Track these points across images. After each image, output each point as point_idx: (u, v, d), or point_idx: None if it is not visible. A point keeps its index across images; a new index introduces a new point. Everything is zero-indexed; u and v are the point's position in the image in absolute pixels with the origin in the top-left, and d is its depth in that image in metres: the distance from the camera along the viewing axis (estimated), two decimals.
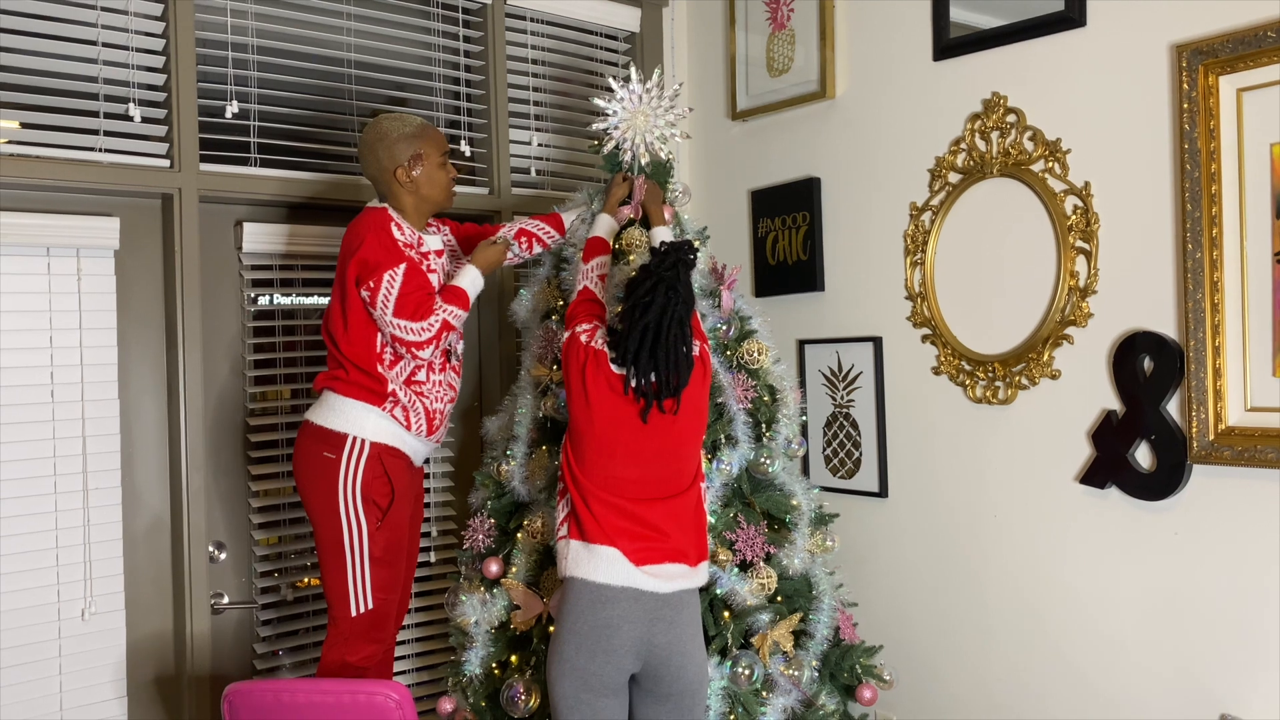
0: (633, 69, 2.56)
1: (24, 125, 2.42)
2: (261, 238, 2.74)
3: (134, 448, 2.60)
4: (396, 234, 2.35)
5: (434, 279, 2.39)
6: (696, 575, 2.12)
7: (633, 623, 2.03)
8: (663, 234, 2.44)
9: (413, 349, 2.30)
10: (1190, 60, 2.22)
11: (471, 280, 2.42)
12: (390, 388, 2.34)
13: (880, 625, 2.85)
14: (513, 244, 2.54)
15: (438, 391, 2.43)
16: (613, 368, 2.10)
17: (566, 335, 2.17)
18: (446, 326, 2.32)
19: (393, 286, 2.27)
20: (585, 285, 2.28)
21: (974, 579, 2.71)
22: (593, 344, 2.13)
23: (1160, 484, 2.33)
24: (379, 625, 2.37)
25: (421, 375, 2.39)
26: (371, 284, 2.27)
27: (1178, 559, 2.32)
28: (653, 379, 2.07)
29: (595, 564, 2.05)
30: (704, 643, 2.15)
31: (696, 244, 2.27)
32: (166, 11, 2.54)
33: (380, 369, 2.34)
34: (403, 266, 2.29)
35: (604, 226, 2.44)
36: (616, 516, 2.07)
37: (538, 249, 2.58)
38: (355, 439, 2.32)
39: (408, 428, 2.37)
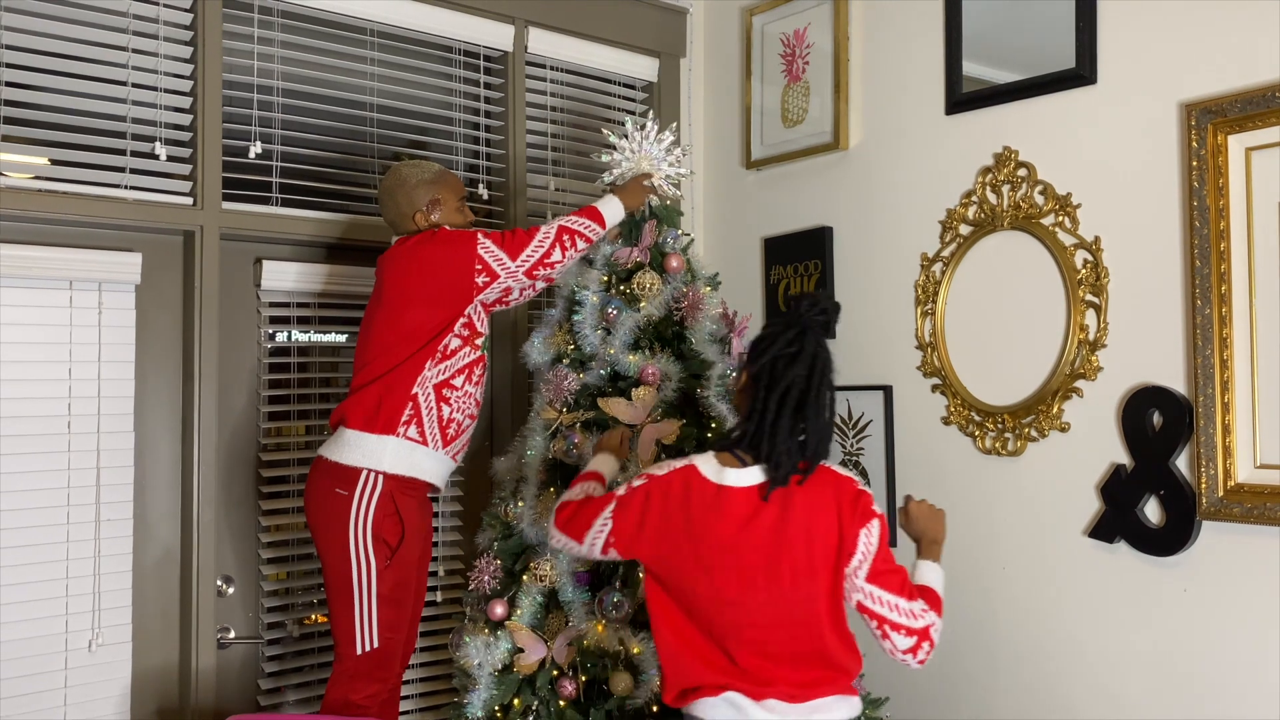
0: (628, 119, 2.62)
1: (53, 161, 2.48)
2: (280, 276, 2.79)
3: (147, 480, 2.63)
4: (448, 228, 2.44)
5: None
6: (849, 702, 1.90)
7: None
8: (933, 575, 1.96)
9: (545, 265, 2.39)
10: (1199, 119, 2.25)
11: (607, 203, 2.49)
12: (413, 390, 2.33)
13: (886, 676, 2.82)
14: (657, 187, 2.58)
15: (464, 403, 2.42)
16: (730, 457, 1.83)
17: (612, 504, 1.88)
18: (565, 230, 2.41)
19: (491, 251, 2.37)
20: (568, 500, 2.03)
21: (981, 630, 2.68)
22: (657, 473, 1.86)
23: (1169, 540, 2.31)
24: (384, 664, 2.37)
25: (459, 381, 2.39)
26: (479, 267, 2.36)
27: (1186, 616, 2.30)
28: (790, 456, 1.76)
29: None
30: None
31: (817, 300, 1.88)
32: (195, 54, 2.61)
33: (429, 363, 2.34)
34: (478, 234, 2.39)
35: (604, 463, 2.16)
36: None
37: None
38: (369, 473, 2.32)
39: (424, 443, 2.36)
